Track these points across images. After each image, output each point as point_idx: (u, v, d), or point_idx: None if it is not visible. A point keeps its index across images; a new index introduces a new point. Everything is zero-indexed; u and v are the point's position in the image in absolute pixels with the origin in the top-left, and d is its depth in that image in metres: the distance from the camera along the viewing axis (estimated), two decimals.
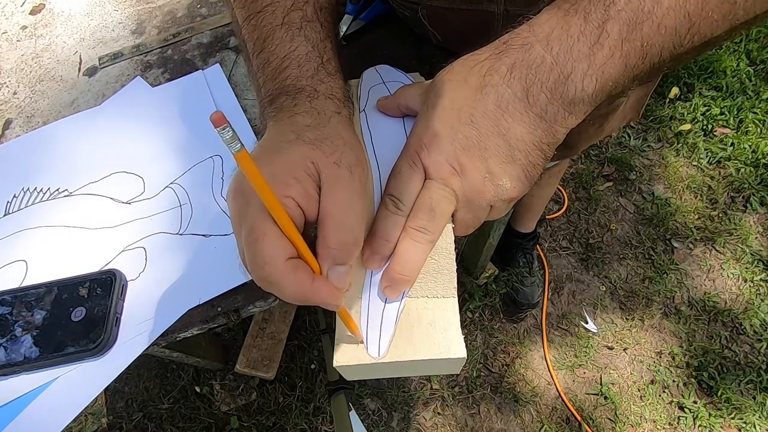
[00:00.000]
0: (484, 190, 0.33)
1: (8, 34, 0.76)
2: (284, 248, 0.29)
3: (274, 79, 0.38)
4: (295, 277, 0.29)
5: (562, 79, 0.31)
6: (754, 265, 1.42)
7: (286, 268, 0.29)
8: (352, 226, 0.30)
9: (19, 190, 0.59)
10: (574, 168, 1.62)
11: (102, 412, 1.31)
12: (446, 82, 0.35)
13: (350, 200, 0.31)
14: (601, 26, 0.30)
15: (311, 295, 0.30)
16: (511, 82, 0.32)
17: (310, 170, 0.31)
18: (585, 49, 0.30)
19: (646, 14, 0.29)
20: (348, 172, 0.32)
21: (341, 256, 0.30)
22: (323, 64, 0.38)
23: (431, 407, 1.30)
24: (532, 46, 0.31)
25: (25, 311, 0.49)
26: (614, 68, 0.30)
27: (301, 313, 1.40)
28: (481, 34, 0.54)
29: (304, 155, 0.31)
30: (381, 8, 0.66)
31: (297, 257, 0.30)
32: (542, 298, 1.42)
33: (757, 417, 1.23)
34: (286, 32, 0.38)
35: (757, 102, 1.65)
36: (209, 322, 0.51)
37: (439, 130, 0.33)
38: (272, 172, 0.30)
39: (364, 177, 0.33)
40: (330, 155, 0.32)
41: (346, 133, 0.35)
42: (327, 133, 0.33)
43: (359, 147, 0.35)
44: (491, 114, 0.32)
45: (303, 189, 0.30)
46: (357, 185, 0.32)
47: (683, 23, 0.29)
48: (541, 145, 0.33)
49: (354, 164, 0.32)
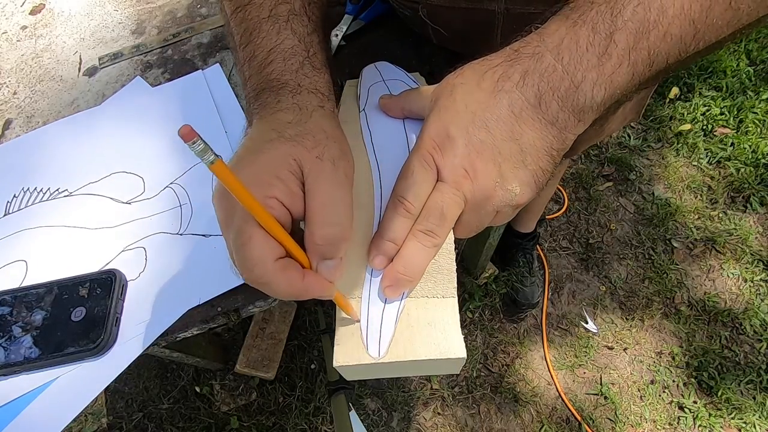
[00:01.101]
0: (493, 195, 0.33)
1: (8, 34, 0.76)
2: (271, 249, 0.29)
3: (260, 73, 0.38)
4: (285, 276, 0.29)
5: (573, 88, 0.31)
6: (754, 265, 1.42)
7: (275, 269, 0.29)
8: (337, 220, 0.30)
9: (19, 190, 0.59)
10: (574, 168, 1.62)
11: (102, 412, 1.31)
12: (458, 85, 0.35)
13: (335, 194, 0.31)
14: (609, 36, 0.30)
15: (304, 291, 0.30)
16: (524, 88, 0.32)
17: (293, 167, 0.31)
18: (594, 60, 0.31)
19: (653, 24, 0.29)
20: (331, 165, 0.32)
21: (329, 250, 0.30)
22: (309, 57, 0.38)
23: (431, 407, 1.30)
24: (543, 56, 0.32)
25: (25, 311, 0.49)
26: (622, 77, 0.31)
27: (301, 313, 1.40)
28: (482, 32, 0.55)
29: (286, 153, 0.31)
30: (381, 8, 0.66)
31: (286, 256, 0.30)
32: (542, 298, 1.42)
33: (757, 417, 1.23)
34: (272, 25, 0.39)
35: (757, 102, 1.65)
36: (209, 322, 0.51)
37: (453, 133, 0.33)
38: (254, 173, 0.30)
39: (348, 169, 0.33)
40: (312, 150, 0.32)
41: (328, 126, 0.35)
42: (309, 128, 0.33)
43: (342, 139, 0.35)
44: (505, 119, 0.32)
45: (286, 187, 0.30)
46: (341, 178, 0.32)
47: (688, 31, 0.30)
48: (551, 151, 0.33)
49: (337, 157, 0.32)
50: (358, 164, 0.41)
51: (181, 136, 0.22)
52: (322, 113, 0.35)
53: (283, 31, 0.38)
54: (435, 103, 0.36)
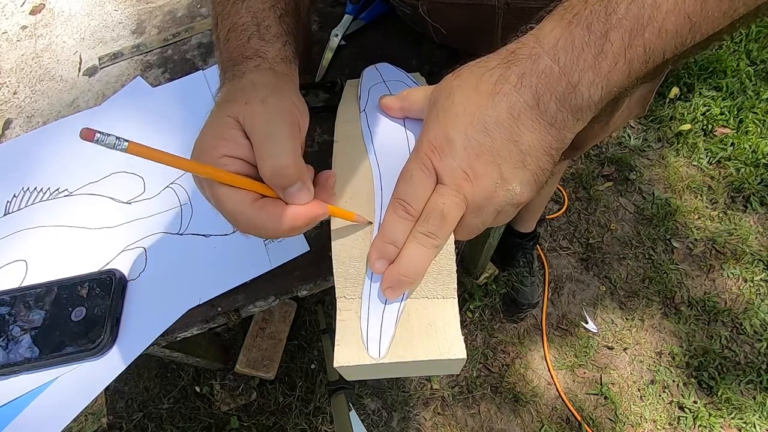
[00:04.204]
0: (494, 196, 0.33)
1: (8, 34, 0.76)
2: (241, 197, 0.32)
3: (221, 55, 0.41)
4: (267, 213, 0.32)
5: (570, 89, 0.31)
6: (754, 265, 1.42)
7: (254, 211, 0.32)
8: (275, 151, 0.32)
9: (19, 190, 0.59)
10: (574, 168, 1.62)
11: (102, 412, 1.31)
12: (456, 88, 0.35)
13: (266, 128, 0.33)
14: (604, 35, 0.30)
15: (293, 219, 0.32)
16: (522, 90, 0.32)
17: (231, 123, 0.33)
18: (590, 59, 0.31)
19: (647, 20, 0.29)
20: (260, 105, 0.33)
21: (280, 180, 0.32)
22: (258, 31, 0.40)
23: (431, 407, 1.30)
24: (540, 57, 0.32)
25: (24, 311, 0.49)
26: (619, 75, 0.31)
27: (301, 313, 1.40)
28: (482, 28, 0.55)
29: (222, 114, 0.34)
30: (381, 8, 0.66)
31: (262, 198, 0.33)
32: (542, 298, 1.42)
33: (757, 417, 1.23)
34: (232, 6, 0.41)
35: (757, 102, 1.65)
36: (209, 322, 0.51)
37: (452, 136, 0.33)
38: (201, 143, 0.33)
39: (282, 103, 0.34)
40: (241, 101, 0.34)
41: (260, 78, 0.36)
42: (240, 85, 0.36)
43: (275, 82, 0.36)
44: (504, 121, 0.32)
45: (232, 142, 0.33)
46: (272, 113, 0.33)
47: (684, 25, 0.29)
48: (551, 151, 0.33)
49: (266, 95, 0.34)
50: (359, 164, 0.41)
51: (84, 139, 0.23)
52: (256, 71, 0.37)
53: (240, 10, 0.41)
54: (433, 105, 0.36)
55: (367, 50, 0.65)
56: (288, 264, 0.52)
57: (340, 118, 0.45)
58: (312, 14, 0.68)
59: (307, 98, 0.41)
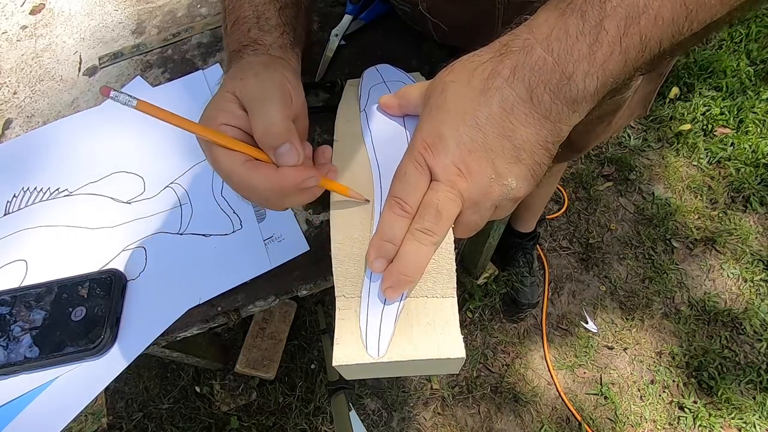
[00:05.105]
0: (490, 191, 0.33)
1: (8, 34, 0.76)
2: (234, 157, 0.35)
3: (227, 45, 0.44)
4: (259, 173, 0.35)
5: (564, 80, 0.31)
6: (754, 265, 1.42)
7: (246, 171, 0.35)
8: (266, 114, 0.35)
9: (19, 189, 0.59)
10: (574, 168, 1.62)
11: (102, 412, 1.31)
12: (448, 83, 0.34)
13: (257, 95, 0.36)
14: (599, 24, 0.30)
15: (283, 180, 0.34)
16: (514, 84, 0.32)
17: (229, 98, 0.37)
18: (585, 49, 0.30)
19: (642, 8, 0.29)
20: (254, 78, 0.37)
21: (269, 140, 0.34)
22: (258, 23, 0.43)
23: (431, 407, 1.30)
24: (533, 48, 0.31)
25: (24, 311, 0.49)
26: (614, 64, 0.30)
27: (301, 313, 1.40)
28: (483, 24, 0.55)
29: (222, 91, 0.37)
30: (381, 8, 0.66)
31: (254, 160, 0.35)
32: (542, 298, 1.42)
33: (757, 417, 1.23)
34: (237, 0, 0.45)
35: (757, 102, 1.64)
36: (209, 322, 0.51)
37: (444, 133, 0.33)
38: (205, 117, 0.37)
39: (273, 75, 0.37)
40: (238, 77, 0.37)
41: (256, 59, 0.40)
42: (239, 66, 0.39)
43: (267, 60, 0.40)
44: (496, 116, 0.32)
45: (229, 112, 0.36)
46: (264, 82, 0.36)
47: (680, 12, 0.29)
48: (546, 144, 0.33)
49: (259, 70, 0.37)
50: (359, 164, 0.41)
51: (102, 95, 0.28)
52: (253, 55, 0.41)
53: (244, 5, 0.44)
54: (427, 101, 0.36)
55: (367, 50, 0.65)
56: (288, 264, 0.52)
57: (340, 117, 0.45)
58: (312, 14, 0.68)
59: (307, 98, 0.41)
